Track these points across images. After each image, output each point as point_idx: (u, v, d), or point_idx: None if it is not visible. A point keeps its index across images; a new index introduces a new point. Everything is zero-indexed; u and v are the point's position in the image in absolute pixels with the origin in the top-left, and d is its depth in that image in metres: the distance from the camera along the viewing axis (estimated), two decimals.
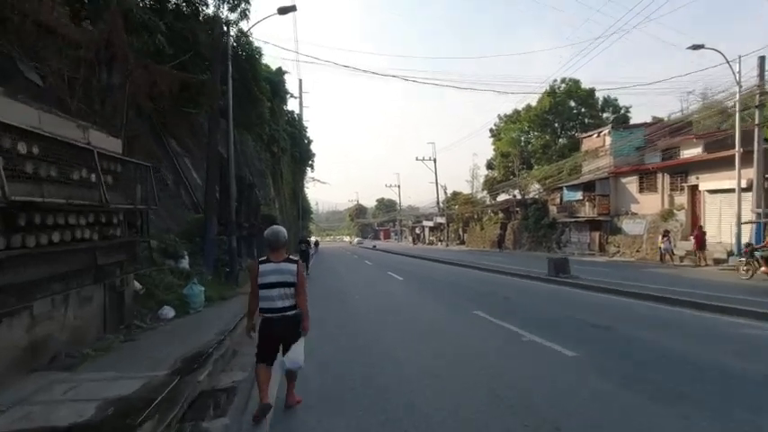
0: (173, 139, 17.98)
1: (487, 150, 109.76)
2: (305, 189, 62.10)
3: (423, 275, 15.70)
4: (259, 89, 21.22)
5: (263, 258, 3.75)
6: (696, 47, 16.21)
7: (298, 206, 51.38)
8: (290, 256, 3.78)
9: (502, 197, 46.78)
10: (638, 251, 22.57)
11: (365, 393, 3.99)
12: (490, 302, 9.17)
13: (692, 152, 21.50)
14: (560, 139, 40.33)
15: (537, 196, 36.30)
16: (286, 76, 35.81)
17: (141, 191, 6.91)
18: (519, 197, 39.82)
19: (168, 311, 7.61)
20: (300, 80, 73.73)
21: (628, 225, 23.88)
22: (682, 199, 20.83)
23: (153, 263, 8.52)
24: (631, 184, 24.18)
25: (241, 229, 16.26)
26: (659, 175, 22.18)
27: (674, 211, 20.98)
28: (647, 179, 23.11)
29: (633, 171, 23.96)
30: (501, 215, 43.85)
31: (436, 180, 63.38)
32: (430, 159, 64.73)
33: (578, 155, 29.84)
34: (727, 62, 16.40)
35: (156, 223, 12.30)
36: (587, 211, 26.88)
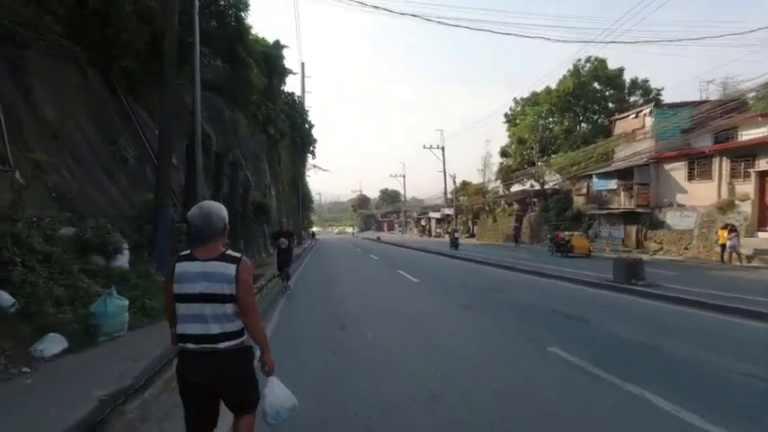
0: (144, 110, 14.88)
1: (501, 137, 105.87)
2: (306, 177, 59.03)
3: (448, 279, 12.61)
4: (247, 51, 18.09)
5: (183, 254, 2.14)
6: None
7: (298, 194, 48.30)
8: (229, 252, 2.12)
9: (516, 187, 43.58)
10: (686, 248, 19.42)
11: None
12: (564, 329, 6.11)
13: (754, 133, 18.26)
14: (582, 125, 37.01)
15: (558, 186, 33.10)
16: (286, 52, 32.54)
17: None
18: (537, 187, 36.61)
19: (52, 344, 4.60)
20: (303, 63, 69.82)
21: (673, 218, 20.70)
22: (746, 188, 17.62)
23: (45, 260, 5.50)
24: (678, 170, 20.94)
25: None
26: (716, 160, 18.94)
27: (737, 201, 17.77)
28: (699, 165, 19.86)
29: (681, 156, 20.71)
30: (516, 206, 40.67)
31: (444, 169, 60.11)
32: (438, 147, 61.63)
33: (611, 139, 26.52)
34: None
35: (104, 208, 9.30)
36: (622, 202, 23.68)
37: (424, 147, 61.16)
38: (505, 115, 43.06)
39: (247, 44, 18.26)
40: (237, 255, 2.11)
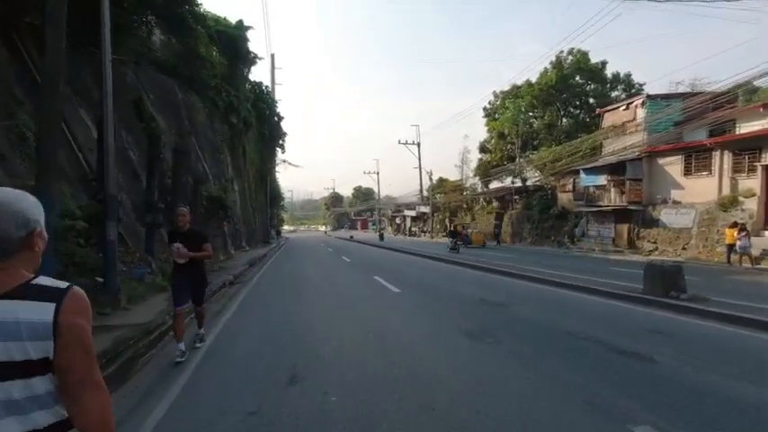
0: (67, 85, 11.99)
1: (480, 132, 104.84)
2: (275, 173, 55.83)
3: (436, 289, 10.45)
4: (195, 18, 15.39)
5: None
6: None
7: (266, 190, 45.28)
8: (40, 281, 1.13)
9: (495, 184, 42.14)
10: (684, 248, 18.04)
11: None
12: (630, 380, 4.01)
13: (756, 125, 17.00)
14: (563, 119, 35.78)
15: (541, 182, 31.67)
16: (252, 36, 29.64)
17: None
18: (519, 183, 35.14)
19: None
20: (273, 54, 66.29)
21: (668, 216, 19.33)
22: (750, 183, 16.31)
23: None
24: (673, 165, 19.59)
25: (155, 213, 10.64)
26: (716, 154, 17.61)
27: (741, 198, 16.45)
28: (697, 159, 18.51)
29: (677, 149, 19.36)
30: (496, 204, 39.17)
31: (420, 165, 58.14)
32: (413, 143, 59.78)
33: (600, 132, 25.10)
34: None
35: None
36: (612, 199, 22.23)
37: (399, 142, 59.27)
38: (484, 109, 41.51)
39: (195, 9, 15.50)
40: (60, 285, 1.14)
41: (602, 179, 23.05)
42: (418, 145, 59.12)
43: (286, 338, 5.56)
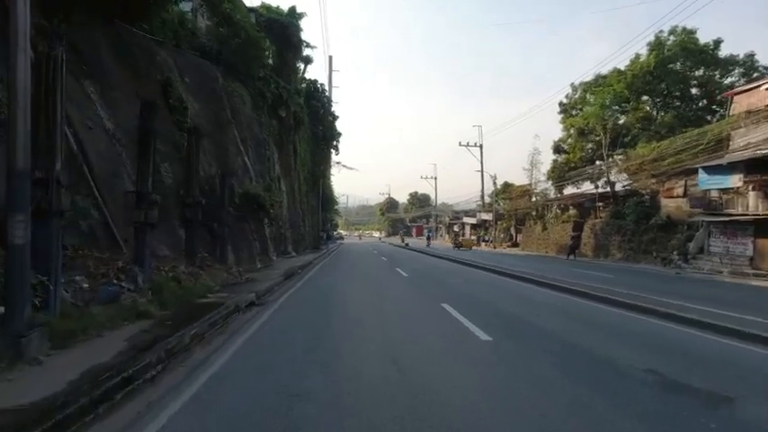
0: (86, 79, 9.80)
1: (552, 131, 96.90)
2: (329, 175, 53.78)
3: (544, 333, 6.76)
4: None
5: None
6: None
7: (319, 193, 43.14)
8: None
9: (570, 189, 36.91)
10: None
11: None
12: None
13: None
14: (661, 112, 30.05)
15: (635, 186, 26.40)
16: (305, 23, 27.43)
17: None
18: (602, 187, 29.95)
19: None
20: (330, 57, 64.88)
21: None
22: None
23: None
24: None
25: (147, 208, 7.92)
26: None
27: None
28: None
29: None
30: (573, 212, 34.02)
31: (482, 169, 53.98)
32: (475, 145, 55.45)
33: (730, 119, 19.76)
34: None
35: None
36: (751, 206, 17.00)
37: (460, 144, 55.28)
38: (560, 104, 36.51)
39: None
40: None
41: (733, 180, 17.80)
42: (480, 147, 54.93)
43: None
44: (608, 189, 30.07)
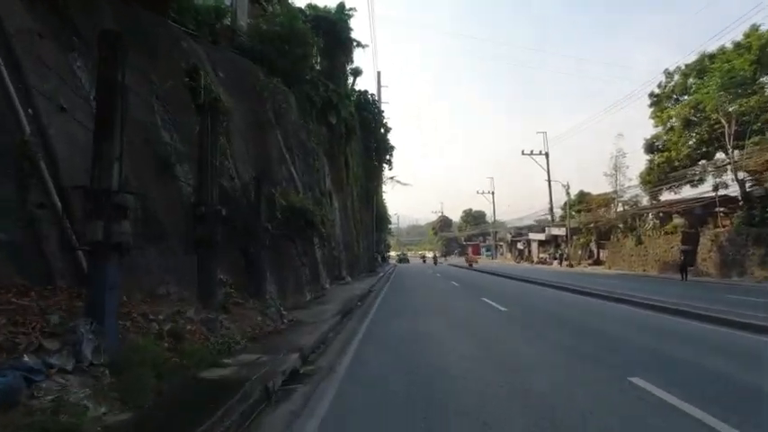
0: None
1: (640, 129, 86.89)
2: (382, 192, 50.56)
3: None
4: None
5: None
6: None
7: (372, 211, 39.86)
8: None
9: (667, 195, 30.92)
10: None
11: None
12: None
13: None
14: None
15: None
16: (354, 22, 24.74)
17: None
18: (724, 189, 24.14)
19: None
20: (379, 72, 63.01)
21: None
22: None
23: None
24: None
25: (99, 209, 4.47)
26: None
27: None
28: None
29: None
30: (680, 220, 28.12)
31: (549, 179, 48.47)
32: (540, 153, 50.23)
33: None
34: None
35: None
36: None
37: (523, 153, 50.30)
38: (651, 96, 31.04)
39: None
40: None
41: None
42: (546, 155, 49.64)
43: None
44: (727, 191, 24.25)
